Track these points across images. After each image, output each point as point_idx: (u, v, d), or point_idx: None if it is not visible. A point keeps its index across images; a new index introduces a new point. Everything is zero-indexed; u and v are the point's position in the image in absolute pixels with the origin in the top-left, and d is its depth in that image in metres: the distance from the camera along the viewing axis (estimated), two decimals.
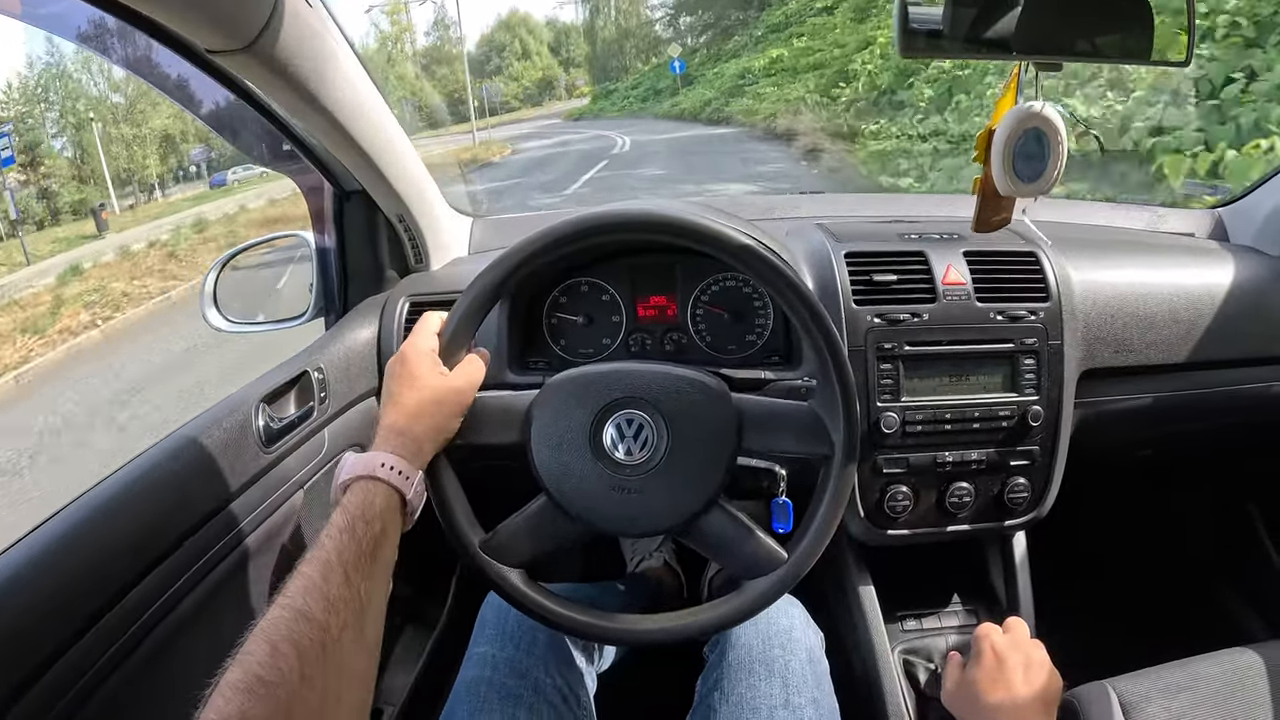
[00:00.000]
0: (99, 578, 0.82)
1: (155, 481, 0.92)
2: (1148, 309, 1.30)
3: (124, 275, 15.71)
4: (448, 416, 0.87)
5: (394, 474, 0.78)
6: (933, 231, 1.31)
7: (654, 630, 0.93)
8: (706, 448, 0.89)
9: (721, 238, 0.90)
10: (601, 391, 0.90)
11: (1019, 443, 1.22)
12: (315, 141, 1.23)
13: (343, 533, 0.72)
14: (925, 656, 1.26)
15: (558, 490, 0.90)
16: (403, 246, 1.45)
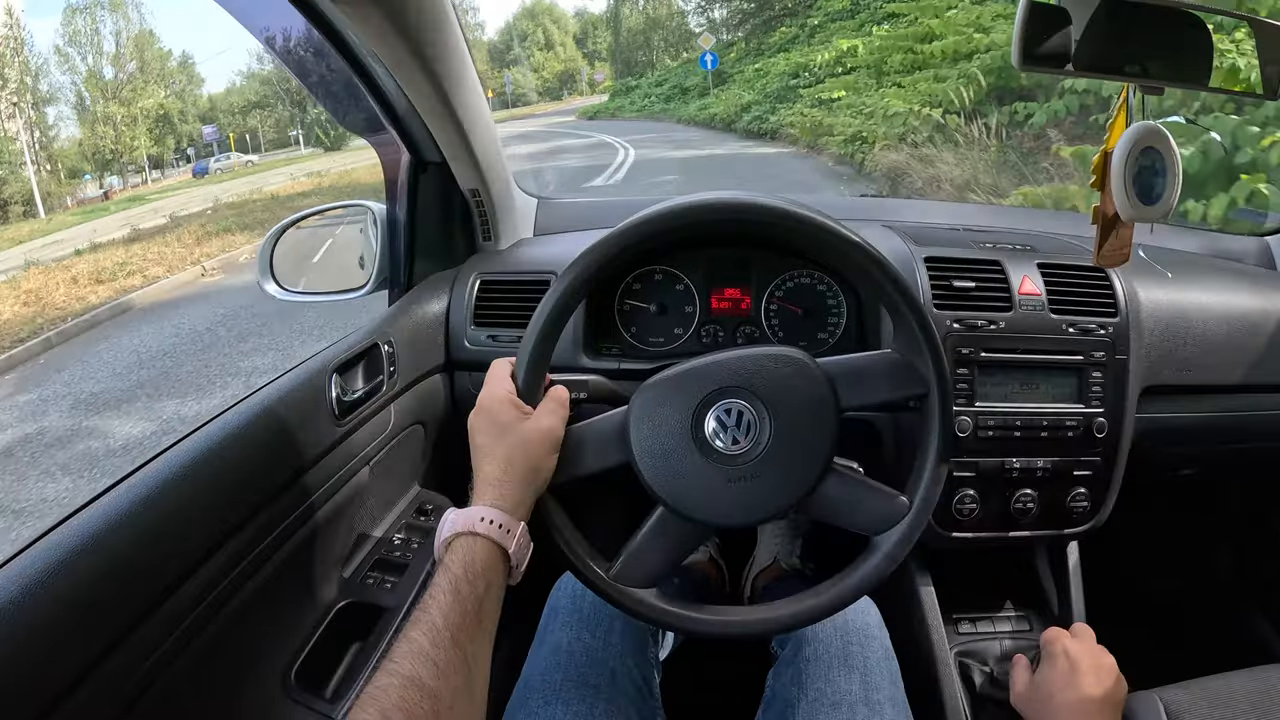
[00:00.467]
0: (178, 546, 0.82)
1: (233, 448, 0.91)
2: (1208, 330, 1.33)
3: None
4: (541, 458, 0.83)
5: (494, 528, 0.76)
6: (1005, 242, 1.33)
7: (802, 610, 0.91)
8: (809, 417, 0.88)
9: (810, 221, 0.90)
10: (692, 389, 0.88)
11: (1083, 453, 1.24)
12: (403, 107, 1.23)
13: (447, 594, 0.70)
14: (980, 659, 1.27)
15: (674, 498, 0.87)
16: (473, 222, 1.45)
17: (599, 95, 46.08)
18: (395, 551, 1.23)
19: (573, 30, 66.39)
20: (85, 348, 8.66)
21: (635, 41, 54.78)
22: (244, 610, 0.92)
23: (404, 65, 1.08)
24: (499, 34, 69.68)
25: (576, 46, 65.35)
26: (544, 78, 64.75)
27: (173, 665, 0.81)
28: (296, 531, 1.01)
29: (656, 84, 36.83)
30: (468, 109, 1.22)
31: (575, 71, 62.95)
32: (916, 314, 0.88)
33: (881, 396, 0.91)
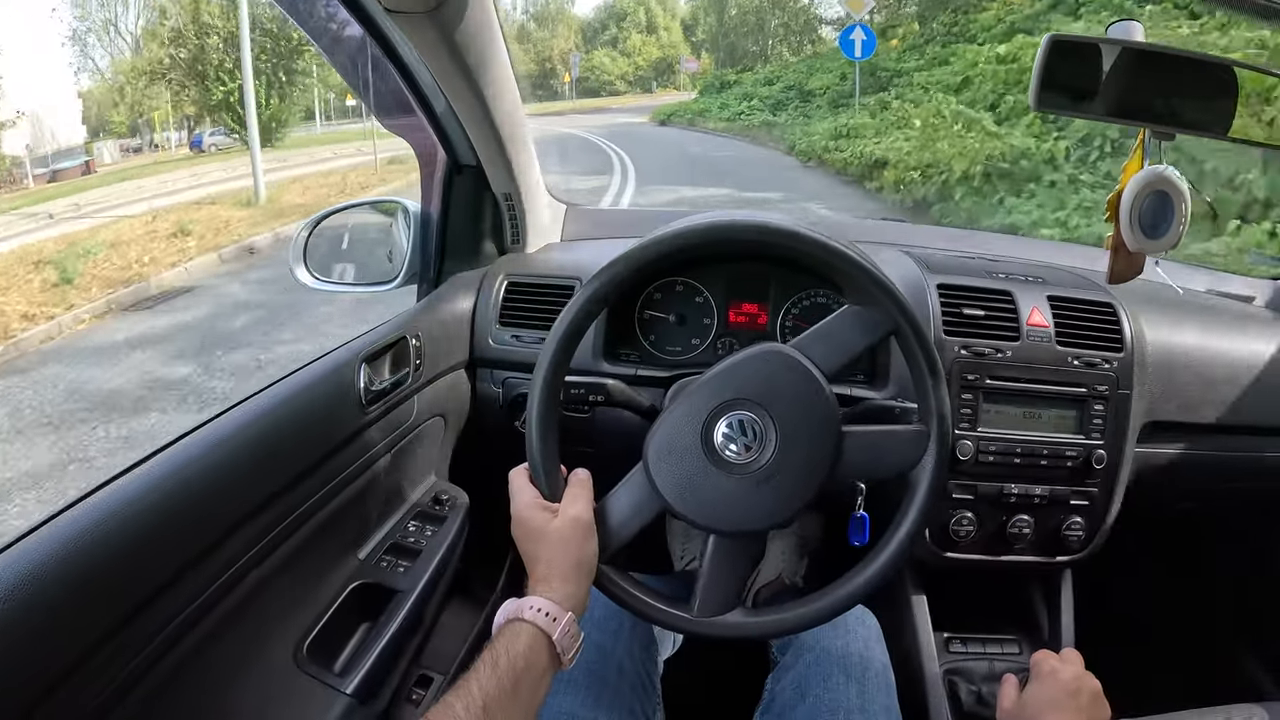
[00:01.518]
0: (203, 521, 0.87)
1: (263, 429, 0.96)
2: (1212, 370, 1.37)
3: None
4: (579, 546, 0.88)
5: (539, 615, 0.81)
6: (1018, 272, 1.38)
7: (844, 595, 0.94)
8: (801, 399, 0.92)
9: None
10: (697, 417, 0.91)
11: (1080, 483, 1.29)
12: (444, 113, 1.29)
13: (486, 668, 0.76)
14: (968, 678, 1.32)
15: (717, 523, 0.91)
16: (503, 226, 1.50)
17: (692, 93, 34.62)
18: (409, 538, 1.28)
19: (681, 14, 55.79)
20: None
21: (744, 24, 40.39)
22: (262, 584, 0.97)
23: (450, 76, 1.14)
24: (596, 10, 59.39)
25: (683, 34, 54.78)
26: (637, 64, 55.49)
27: (190, 634, 0.85)
28: (318, 512, 1.06)
29: (765, 82, 25.53)
30: (507, 118, 1.28)
31: (674, 61, 53.46)
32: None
33: (856, 347, 0.96)
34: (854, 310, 0.95)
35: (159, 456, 0.88)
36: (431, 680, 1.42)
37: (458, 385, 1.39)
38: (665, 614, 0.93)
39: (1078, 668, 1.07)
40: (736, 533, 0.92)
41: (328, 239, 1.47)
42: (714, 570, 0.92)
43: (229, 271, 9.71)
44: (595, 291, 0.93)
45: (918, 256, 1.40)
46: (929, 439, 0.94)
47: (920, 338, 0.93)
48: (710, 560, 0.92)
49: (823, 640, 1.11)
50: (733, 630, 0.93)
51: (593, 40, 57.30)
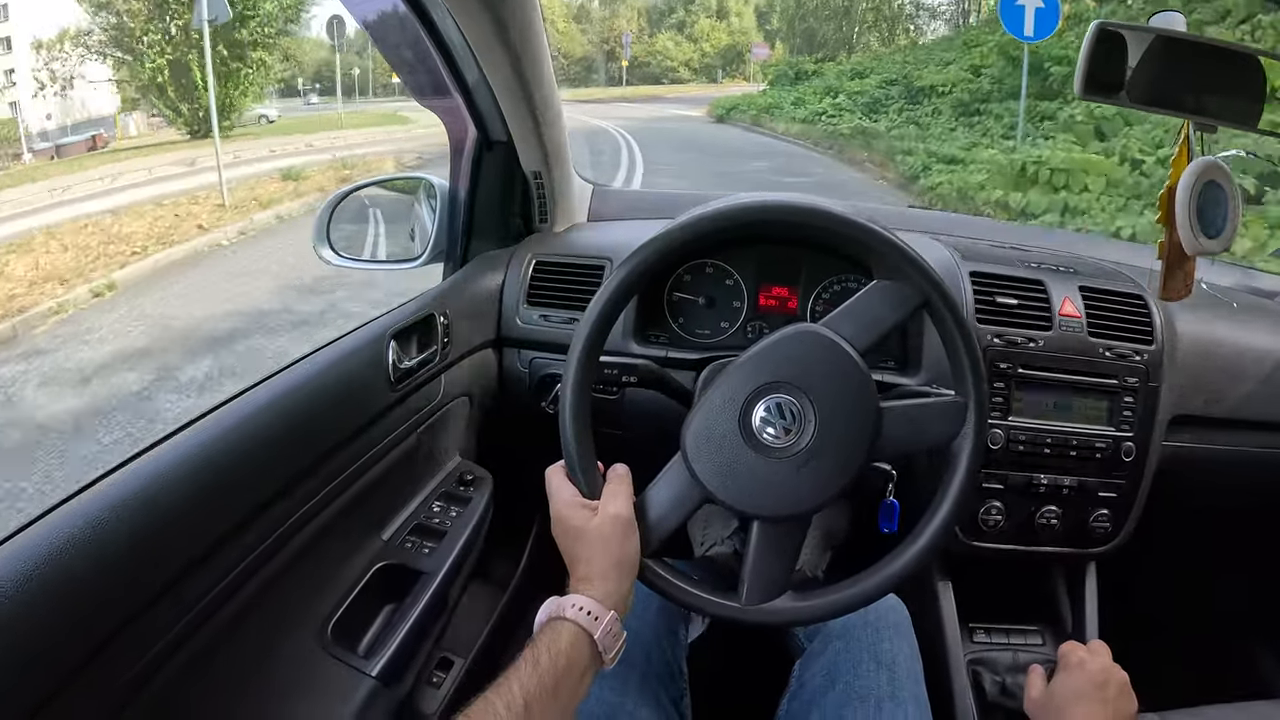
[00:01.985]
0: (231, 499, 0.86)
1: (293, 406, 0.95)
2: (1240, 365, 1.37)
3: None
4: (620, 544, 0.87)
5: (580, 613, 0.81)
6: (1050, 263, 1.38)
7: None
8: (836, 378, 0.91)
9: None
10: (732, 404, 0.90)
11: (1109, 475, 1.29)
12: (477, 85, 1.28)
13: (528, 666, 0.76)
14: (992, 668, 1.32)
15: (761, 509, 0.90)
16: (531, 204, 1.49)
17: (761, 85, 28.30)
18: (434, 519, 1.28)
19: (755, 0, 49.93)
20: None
21: (827, 7, 34.63)
22: (288, 565, 0.96)
23: (486, 43, 1.13)
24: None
25: (756, 21, 49.34)
26: (704, 51, 50.65)
27: (216, 615, 0.85)
28: (344, 492, 1.05)
29: (854, 74, 20.68)
30: (541, 91, 1.27)
31: (745, 49, 47.51)
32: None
33: (887, 322, 0.94)
34: (883, 285, 0.94)
35: (183, 433, 0.87)
36: (452, 663, 1.42)
37: (484, 364, 1.39)
38: (714, 604, 0.92)
39: (1105, 660, 1.08)
40: (780, 518, 0.90)
41: (350, 216, 1.46)
42: (760, 557, 0.91)
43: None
44: (630, 273, 0.92)
45: (951, 244, 1.40)
46: (967, 409, 0.93)
47: (952, 308, 0.93)
48: (756, 548, 0.91)
49: (852, 628, 1.11)
50: (785, 616, 0.93)
51: (658, 23, 52.88)
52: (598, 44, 51.46)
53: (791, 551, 0.93)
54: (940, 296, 0.92)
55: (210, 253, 8.96)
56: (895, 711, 1.01)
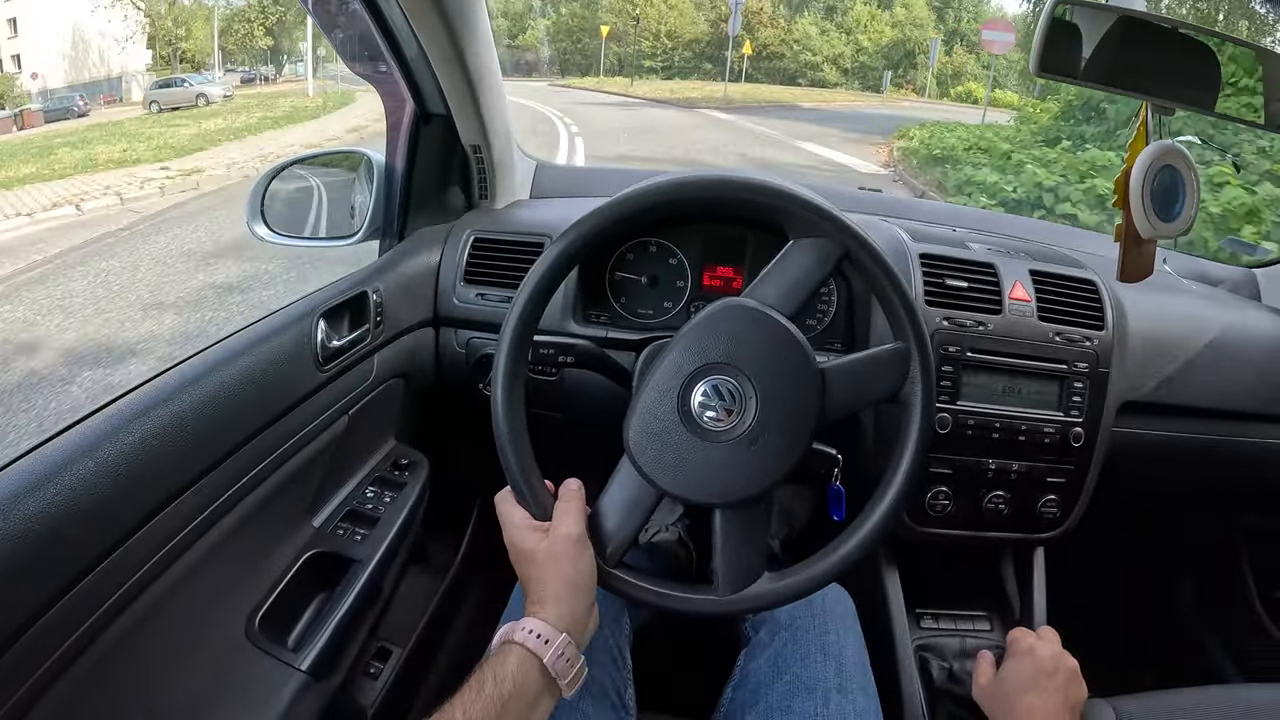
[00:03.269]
0: (147, 483, 0.83)
1: (209, 389, 0.92)
2: (1190, 353, 1.38)
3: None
4: (571, 563, 0.86)
5: (530, 636, 0.80)
6: (1003, 247, 1.38)
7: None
8: (773, 346, 0.89)
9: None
10: (671, 396, 0.88)
11: (1057, 460, 1.29)
12: (414, 55, 1.24)
13: (472, 690, 0.75)
14: (939, 654, 1.32)
15: (718, 496, 0.89)
16: (470, 179, 1.46)
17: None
18: (367, 504, 1.25)
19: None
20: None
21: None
22: (212, 552, 0.93)
23: (424, 15, 1.11)
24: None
25: (934, 14, 38.13)
26: (860, 45, 38.23)
27: (133, 606, 0.82)
28: (270, 476, 1.02)
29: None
30: (478, 62, 1.24)
31: (916, 45, 36.36)
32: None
33: (811, 281, 0.93)
34: (800, 244, 0.93)
35: (93, 419, 0.83)
36: (390, 653, 1.40)
37: (420, 344, 1.36)
38: (691, 601, 0.91)
39: (1055, 646, 1.08)
40: (740, 502, 0.89)
41: (287, 192, 1.42)
42: (730, 546, 0.90)
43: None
44: (562, 251, 0.90)
45: (903, 226, 1.38)
46: (910, 353, 0.92)
47: (874, 256, 0.91)
48: (723, 537, 0.90)
49: (799, 619, 1.11)
50: (765, 600, 0.91)
51: (799, 8, 41.19)
52: (713, 23, 40.16)
53: (760, 534, 0.91)
54: (860, 245, 0.91)
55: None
56: (843, 703, 1.00)
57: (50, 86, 19.00)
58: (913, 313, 0.92)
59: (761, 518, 0.92)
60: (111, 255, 7.82)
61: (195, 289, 6.48)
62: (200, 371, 0.92)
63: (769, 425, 0.87)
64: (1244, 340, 1.43)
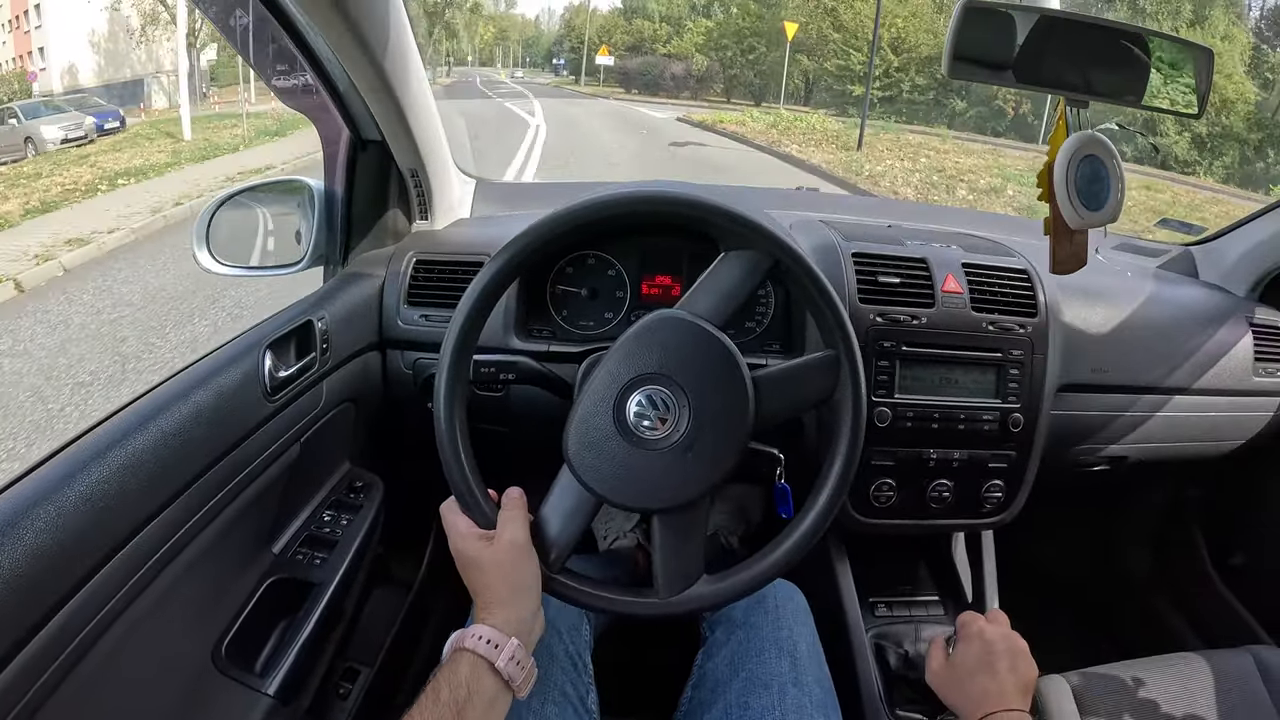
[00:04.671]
0: (104, 522, 0.84)
1: (161, 427, 0.93)
2: (1124, 333, 1.43)
3: None
4: (516, 569, 0.89)
5: (480, 642, 0.82)
6: (936, 241, 1.42)
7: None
8: (703, 357, 0.92)
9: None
10: (606, 407, 0.91)
11: (998, 447, 1.33)
12: (345, 86, 1.27)
13: (428, 699, 0.77)
14: (895, 641, 1.36)
15: (659, 503, 0.91)
16: (410, 202, 1.49)
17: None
18: (325, 528, 1.28)
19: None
20: None
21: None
22: (173, 586, 0.95)
23: (345, 45, 1.12)
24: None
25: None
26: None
27: (100, 642, 0.83)
28: (226, 508, 1.04)
29: None
30: (408, 90, 1.26)
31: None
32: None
33: (742, 292, 0.96)
34: (730, 256, 0.97)
35: (51, 463, 0.84)
36: (358, 673, 1.42)
37: (368, 368, 1.38)
38: (633, 604, 0.94)
39: (1004, 628, 1.10)
40: (676, 508, 0.92)
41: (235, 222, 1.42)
42: (668, 549, 0.93)
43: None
44: (496, 271, 0.93)
45: (834, 225, 1.41)
46: (838, 360, 0.96)
47: (800, 264, 0.95)
48: (661, 541, 0.93)
49: (752, 617, 1.14)
50: (703, 601, 0.94)
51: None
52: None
53: (698, 537, 0.94)
54: (787, 255, 0.95)
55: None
56: (799, 696, 1.03)
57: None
58: (840, 318, 0.95)
59: (699, 521, 0.95)
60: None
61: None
62: (152, 410, 0.94)
63: (702, 433, 0.90)
64: (1179, 317, 1.47)
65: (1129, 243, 1.80)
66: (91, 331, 5.95)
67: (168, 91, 19.66)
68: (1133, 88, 1.05)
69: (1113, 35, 1.04)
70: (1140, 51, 1.04)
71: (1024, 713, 1.01)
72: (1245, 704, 1.15)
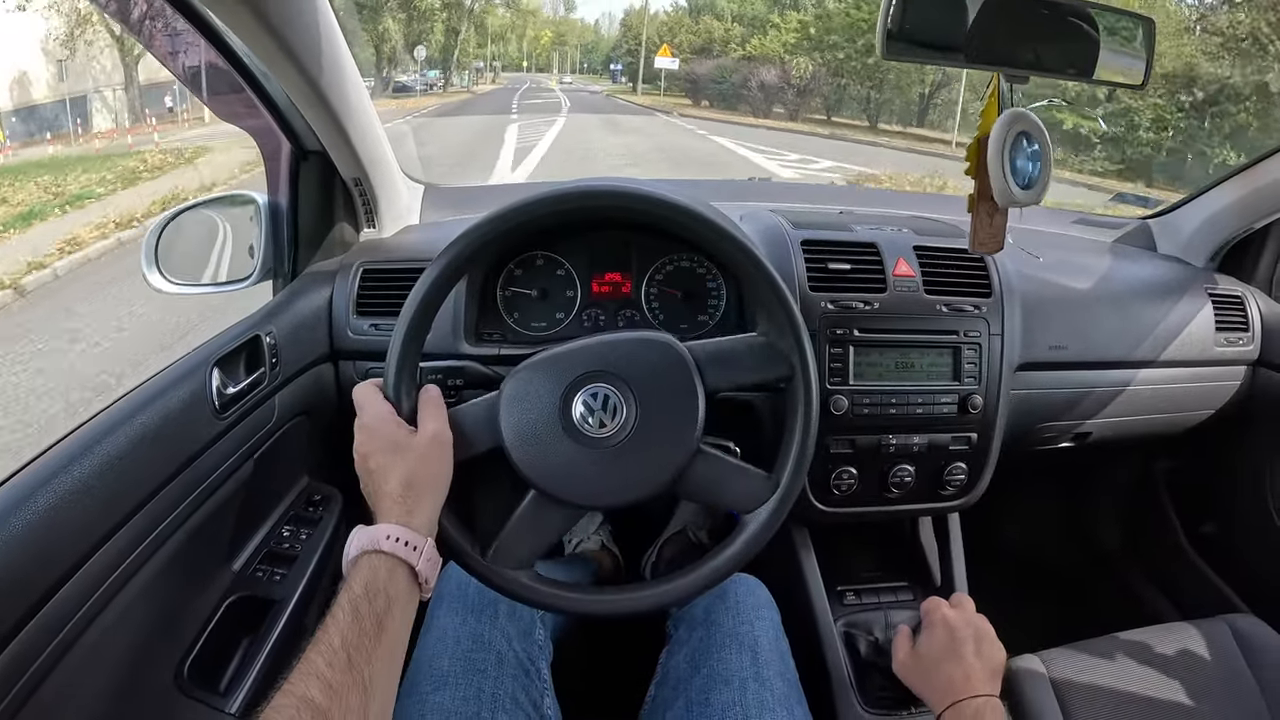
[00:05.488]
0: (54, 550, 0.83)
1: (106, 451, 0.92)
2: (1082, 309, 1.44)
3: None
4: (441, 466, 0.88)
5: (399, 545, 0.79)
6: (883, 225, 1.42)
7: (668, 590, 0.96)
8: (674, 400, 0.94)
9: (680, 209, 0.95)
10: (560, 374, 0.94)
11: (958, 429, 1.33)
12: (281, 98, 1.26)
13: (346, 614, 0.73)
14: (865, 629, 1.36)
15: (544, 481, 0.93)
16: (356, 211, 1.48)
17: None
18: (284, 544, 1.27)
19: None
20: None
21: None
22: (129, 609, 0.94)
23: (275, 59, 1.12)
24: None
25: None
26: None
27: (56, 670, 0.82)
28: (180, 528, 1.03)
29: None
30: (344, 99, 1.25)
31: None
32: (784, 304, 0.95)
33: (747, 378, 0.98)
34: (760, 343, 0.97)
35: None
36: None
37: (321, 380, 1.37)
38: (458, 548, 0.94)
39: (968, 613, 1.09)
40: (558, 500, 0.94)
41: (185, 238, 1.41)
42: (521, 524, 0.95)
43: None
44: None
45: (784, 213, 1.41)
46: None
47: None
48: (521, 513, 0.95)
49: (713, 614, 1.13)
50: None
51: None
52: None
53: (552, 531, 0.98)
54: (803, 366, 0.96)
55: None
56: (760, 691, 1.02)
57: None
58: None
59: (560, 519, 0.97)
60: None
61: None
62: (97, 435, 0.93)
63: (650, 420, 0.92)
64: (1137, 290, 1.47)
65: (1085, 218, 1.80)
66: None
67: (114, 109, 17.85)
68: (1081, 62, 1.04)
69: (1060, 10, 1.03)
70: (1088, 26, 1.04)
71: (993, 697, 1.01)
72: (1223, 673, 1.16)
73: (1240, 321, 1.56)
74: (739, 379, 0.97)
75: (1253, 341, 1.56)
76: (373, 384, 0.93)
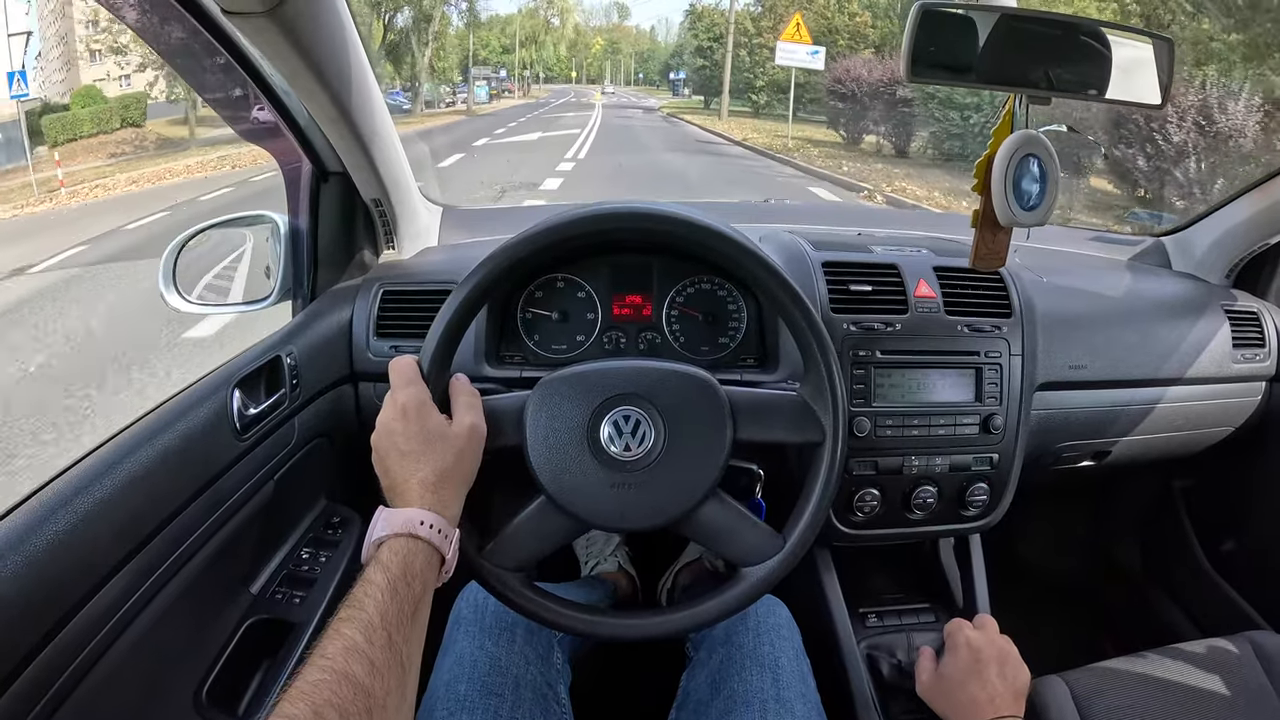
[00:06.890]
0: (76, 571, 0.83)
1: (128, 471, 0.92)
2: (1100, 328, 1.44)
3: None
4: (473, 461, 0.88)
5: (434, 533, 0.79)
6: (906, 246, 1.42)
7: (661, 622, 0.97)
8: (702, 440, 0.94)
9: (717, 234, 0.96)
10: (596, 389, 0.94)
11: (980, 449, 1.33)
12: (304, 118, 1.26)
13: (385, 593, 0.72)
14: (888, 651, 1.35)
15: (556, 490, 0.93)
16: (376, 233, 1.48)
17: None
18: (303, 566, 1.26)
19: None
20: None
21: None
22: (150, 630, 0.93)
23: (301, 79, 1.12)
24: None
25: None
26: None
27: (76, 692, 0.82)
28: (200, 550, 1.03)
29: None
30: (368, 120, 1.26)
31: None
32: (828, 366, 0.96)
33: (779, 436, 0.98)
34: (798, 403, 0.98)
35: (17, 512, 0.82)
36: None
37: (340, 402, 1.37)
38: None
39: (991, 634, 1.09)
40: (566, 511, 0.93)
41: (204, 258, 1.41)
42: (523, 526, 0.95)
43: None
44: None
45: (804, 235, 1.41)
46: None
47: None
48: (526, 516, 0.95)
49: (734, 635, 1.13)
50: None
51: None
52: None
53: (552, 540, 0.97)
54: (833, 434, 0.96)
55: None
56: (781, 713, 1.02)
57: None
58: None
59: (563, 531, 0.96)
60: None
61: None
62: (118, 455, 0.92)
63: (673, 455, 0.92)
64: (1155, 309, 1.47)
65: (1102, 235, 1.81)
66: None
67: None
68: (1096, 82, 1.04)
69: (1072, 30, 1.04)
70: (1100, 46, 1.04)
71: (1017, 718, 1.00)
72: (1246, 691, 1.15)
73: (1257, 337, 1.56)
74: (771, 435, 0.97)
75: (1269, 357, 1.57)
76: (412, 360, 0.92)
